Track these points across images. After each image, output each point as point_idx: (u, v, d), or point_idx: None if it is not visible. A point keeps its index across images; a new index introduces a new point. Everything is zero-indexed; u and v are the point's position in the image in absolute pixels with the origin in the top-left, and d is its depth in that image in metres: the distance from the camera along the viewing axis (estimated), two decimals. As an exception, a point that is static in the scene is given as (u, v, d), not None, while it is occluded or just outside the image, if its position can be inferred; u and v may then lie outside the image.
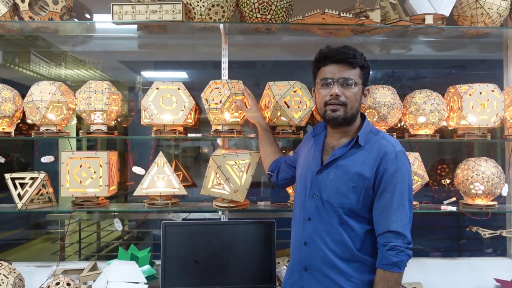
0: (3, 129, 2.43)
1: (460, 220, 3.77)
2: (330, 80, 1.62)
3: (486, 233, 2.45)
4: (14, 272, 2.18)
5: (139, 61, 3.39)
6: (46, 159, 2.46)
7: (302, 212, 1.69)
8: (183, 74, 3.29)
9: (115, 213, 2.47)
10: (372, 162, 1.59)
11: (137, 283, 2.12)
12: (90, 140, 3.05)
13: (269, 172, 2.07)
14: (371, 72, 1.69)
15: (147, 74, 3.51)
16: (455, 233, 3.89)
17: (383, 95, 2.36)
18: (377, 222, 1.58)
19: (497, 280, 2.41)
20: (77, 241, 3.23)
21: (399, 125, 2.62)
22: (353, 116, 1.64)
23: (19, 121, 2.50)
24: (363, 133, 1.65)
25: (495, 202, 2.43)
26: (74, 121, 2.71)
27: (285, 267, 2.33)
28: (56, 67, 3.34)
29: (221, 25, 2.36)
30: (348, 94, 1.60)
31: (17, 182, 2.37)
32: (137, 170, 2.45)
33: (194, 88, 2.45)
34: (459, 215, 3.28)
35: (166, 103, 2.32)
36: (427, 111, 2.40)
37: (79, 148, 3.20)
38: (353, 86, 1.60)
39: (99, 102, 2.34)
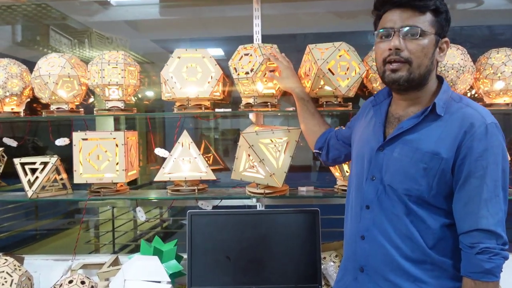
0: (11, 109, 2.22)
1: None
2: (390, 30, 1.30)
3: None
4: (20, 270, 1.94)
5: (172, 39, 3.18)
6: (61, 141, 2.22)
7: (359, 198, 1.43)
8: (219, 51, 3.07)
9: (137, 201, 2.25)
10: (452, 137, 1.26)
11: (159, 282, 1.87)
12: (128, 123, 2.88)
13: (317, 150, 1.80)
14: None
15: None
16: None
17: (451, 56, 1.95)
18: (461, 217, 1.26)
19: None
20: (111, 230, 3.08)
21: (469, 94, 2.25)
22: (422, 77, 1.31)
23: (29, 99, 2.29)
24: (441, 100, 1.32)
25: None
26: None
27: (332, 263, 2.06)
28: (79, 46, 3.14)
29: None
30: (412, 48, 1.27)
31: (27, 167, 2.16)
32: (160, 152, 2.18)
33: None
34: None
35: (189, 73, 2.04)
36: (506, 75, 1.98)
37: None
38: (419, 37, 1.27)
39: (114, 75, 2.09)
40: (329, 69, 1.93)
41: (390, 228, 1.33)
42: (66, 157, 2.23)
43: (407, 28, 1.27)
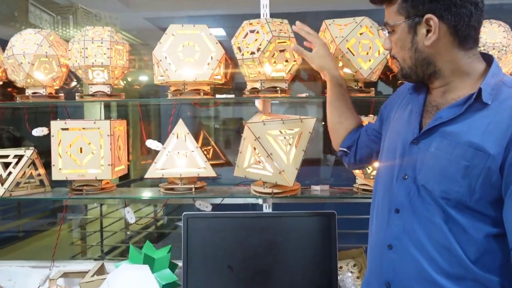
0: (-19, 93, 2.10)
1: None
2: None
3: None
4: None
5: (167, 16, 3.07)
6: (39, 131, 2.08)
7: (388, 200, 1.32)
8: (220, 31, 2.91)
9: (126, 201, 2.11)
10: (502, 130, 1.12)
11: (150, 295, 1.73)
12: (120, 111, 2.77)
13: (344, 149, 1.65)
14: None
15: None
16: None
17: (491, 34, 1.79)
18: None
19: None
20: (98, 230, 2.97)
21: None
22: (417, 68, 1.28)
23: (1, 82, 2.15)
24: (489, 85, 1.17)
25: None
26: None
27: (350, 274, 1.93)
28: (63, 24, 3.00)
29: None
30: (393, 46, 1.32)
31: (-1, 161, 2.01)
32: (152, 144, 2.05)
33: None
34: None
35: (186, 53, 1.91)
36: (557, 55, 1.82)
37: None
38: (393, 32, 1.29)
39: (99, 55, 1.94)
40: (348, 49, 1.82)
41: (423, 237, 1.22)
42: (46, 150, 2.08)
43: (385, 28, 1.31)
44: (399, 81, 2.03)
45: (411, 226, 1.24)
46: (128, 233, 2.84)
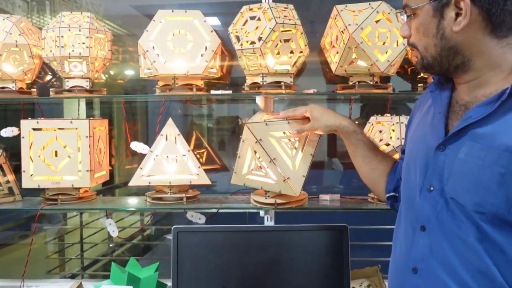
0: None
1: None
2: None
3: None
4: None
5: (156, 4, 2.97)
6: (8, 131, 1.97)
7: (411, 216, 1.27)
8: (214, 20, 2.84)
9: (108, 212, 1.99)
10: None
11: (133, 323, 1.61)
12: (104, 108, 2.66)
13: (391, 194, 1.57)
14: None
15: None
16: None
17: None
18: None
19: None
20: (78, 241, 2.87)
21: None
22: (442, 58, 1.22)
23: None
24: None
25: None
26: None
27: None
28: (38, 11, 2.90)
29: None
30: (412, 32, 1.27)
31: (-38, 166, 1.88)
32: (137, 147, 1.96)
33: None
34: None
35: (176, 43, 1.83)
36: None
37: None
38: (414, 16, 1.24)
39: (76, 44, 1.84)
40: (363, 38, 1.73)
41: (454, 258, 1.16)
42: (17, 153, 1.99)
43: (403, 12, 1.26)
44: (419, 76, 1.98)
45: (439, 246, 1.18)
46: (111, 245, 2.73)
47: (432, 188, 1.20)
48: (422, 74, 1.93)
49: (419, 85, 1.86)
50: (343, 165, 2.59)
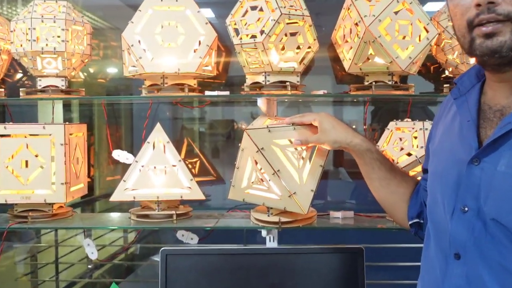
0: None
1: None
2: None
3: None
4: None
5: None
6: None
7: (442, 242, 1.21)
8: (208, 13, 2.84)
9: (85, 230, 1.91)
10: None
11: None
12: (83, 111, 2.60)
13: (415, 220, 1.50)
14: None
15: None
16: None
17: None
18: None
19: None
20: (53, 261, 2.80)
21: None
22: None
23: None
24: None
25: None
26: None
27: None
28: (9, 2, 2.84)
29: None
30: None
31: None
32: (120, 156, 1.88)
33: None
34: None
35: (166, 36, 1.78)
36: None
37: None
38: None
39: (51, 38, 1.79)
40: (381, 32, 1.67)
41: None
42: None
43: None
44: (443, 76, 1.90)
45: (478, 277, 1.12)
46: (90, 266, 2.63)
47: (466, 209, 1.14)
48: (447, 73, 1.86)
49: (445, 85, 1.79)
50: (352, 175, 2.52)
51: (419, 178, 1.48)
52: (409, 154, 1.68)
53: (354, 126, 1.79)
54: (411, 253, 1.87)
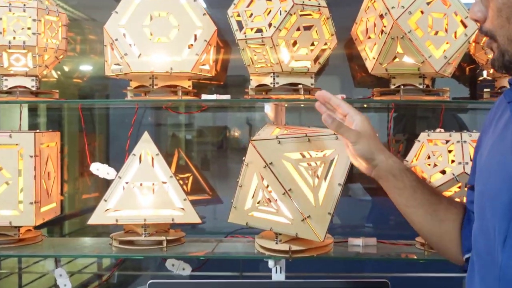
0: None
1: None
2: None
3: None
4: None
5: None
6: None
7: (488, 274, 1.13)
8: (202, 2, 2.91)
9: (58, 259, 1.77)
10: None
11: None
12: (52, 116, 2.46)
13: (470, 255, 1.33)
14: None
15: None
16: None
17: None
18: None
19: None
20: None
21: None
22: None
23: None
24: None
25: None
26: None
27: None
28: None
29: None
30: (490, 15, 1.14)
31: None
32: (100, 170, 1.74)
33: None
34: None
35: (156, 30, 1.69)
36: None
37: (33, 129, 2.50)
38: None
39: (19, 30, 1.70)
40: (412, 26, 1.60)
41: None
42: None
43: None
44: (481, 78, 1.82)
45: None
46: None
47: None
48: (485, 75, 1.77)
49: (485, 90, 1.67)
50: (370, 191, 2.37)
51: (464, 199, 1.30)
52: (443, 172, 1.52)
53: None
54: (442, 283, 1.80)
